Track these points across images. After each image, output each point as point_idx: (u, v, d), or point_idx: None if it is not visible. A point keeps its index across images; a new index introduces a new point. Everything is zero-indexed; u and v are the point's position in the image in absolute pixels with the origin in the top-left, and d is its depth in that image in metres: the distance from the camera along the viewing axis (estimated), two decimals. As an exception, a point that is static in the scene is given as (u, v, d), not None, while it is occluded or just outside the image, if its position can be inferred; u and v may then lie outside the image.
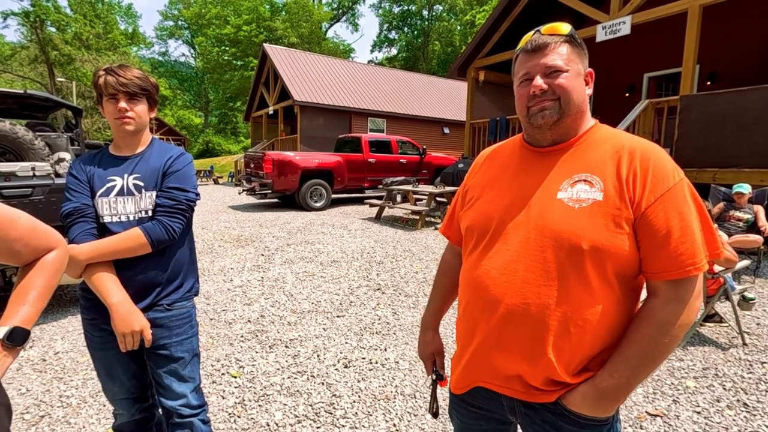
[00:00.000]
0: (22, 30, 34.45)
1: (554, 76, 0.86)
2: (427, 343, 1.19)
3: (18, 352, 0.85)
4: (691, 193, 0.81)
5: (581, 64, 0.89)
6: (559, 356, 0.83)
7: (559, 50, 0.87)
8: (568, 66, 0.86)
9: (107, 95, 1.30)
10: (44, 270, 0.93)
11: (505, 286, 0.86)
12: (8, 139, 3.88)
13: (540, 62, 0.87)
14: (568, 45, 0.88)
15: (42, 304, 0.91)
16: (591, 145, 0.89)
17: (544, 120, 0.88)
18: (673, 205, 0.79)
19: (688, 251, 0.78)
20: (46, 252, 0.96)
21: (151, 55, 49.29)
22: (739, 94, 5.43)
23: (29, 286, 0.90)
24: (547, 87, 0.86)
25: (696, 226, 0.79)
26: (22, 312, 0.86)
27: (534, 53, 0.88)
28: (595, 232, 0.80)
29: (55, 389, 2.40)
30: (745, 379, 2.53)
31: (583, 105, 0.89)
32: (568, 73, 0.86)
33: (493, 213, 0.93)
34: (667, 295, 0.80)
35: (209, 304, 3.71)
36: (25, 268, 0.93)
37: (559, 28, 0.89)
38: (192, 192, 1.41)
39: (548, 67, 0.86)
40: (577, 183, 0.85)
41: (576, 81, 0.87)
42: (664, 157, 0.83)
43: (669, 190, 0.79)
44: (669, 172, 0.81)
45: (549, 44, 0.87)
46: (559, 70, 0.86)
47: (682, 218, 0.78)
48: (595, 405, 0.83)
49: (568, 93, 0.86)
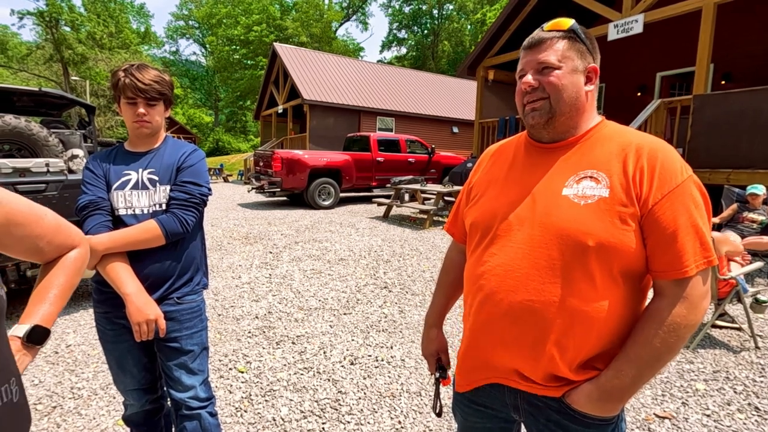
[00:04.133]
0: (37, 29, 35.09)
1: (545, 73, 0.85)
2: (430, 340, 1.19)
3: (37, 351, 0.83)
4: (699, 191, 0.80)
5: (580, 60, 0.87)
6: (563, 353, 0.82)
7: (555, 46, 0.85)
8: (561, 63, 0.85)
9: (126, 98, 1.33)
10: (66, 268, 0.92)
11: (509, 283, 0.85)
12: (23, 136, 3.95)
13: (534, 58, 0.87)
14: (567, 41, 0.86)
15: (62, 303, 0.90)
16: (597, 141, 0.88)
17: (534, 120, 0.88)
18: (680, 202, 0.77)
19: (695, 249, 0.77)
20: (69, 250, 0.95)
21: (162, 54, 49.87)
22: (755, 93, 5.33)
23: (50, 284, 0.89)
24: (537, 84, 0.86)
25: (703, 224, 0.78)
26: (43, 310, 0.85)
27: (530, 49, 0.88)
28: (601, 229, 0.78)
29: (67, 381, 2.45)
30: (757, 382, 2.49)
31: (578, 102, 0.87)
32: (560, 71, 0.85)
33: (497, 209, 0.92)
34: (674, 295, 0.78)
35: (217, 300, 3.75)
36: (46, 265, 0.92)
37: (561, 23, 0.87)
38: (205, 186, 1.45)
39: (540, 63, 0.86)
40: (582, 179, 0.84)
41: (569, 78, 0.85)
42: (672, 154, 0.82)
43: (677, 187, 0.78)
44: (677, 169, 0.79)
45: (546, 40, 0.86)
46: (551, 66, 0.85)
47: (689, 216, 0.77)
48: (599, 404, 0.82)
49: (558, 91, 0.85)
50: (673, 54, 8.70)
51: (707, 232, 0.78)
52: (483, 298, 0.90)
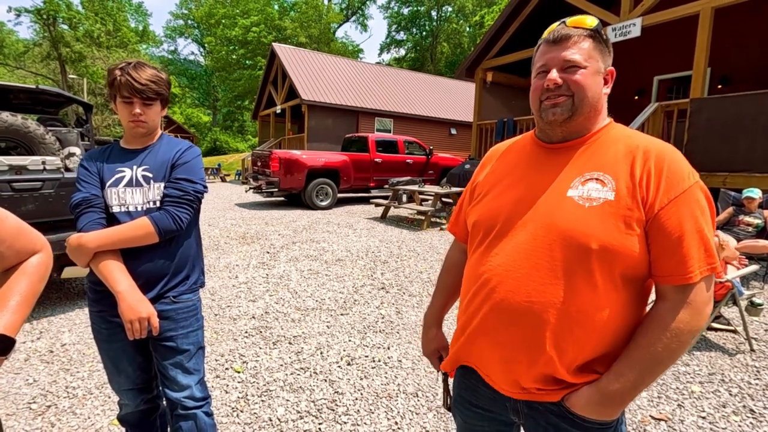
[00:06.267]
0: (34, 27, 34.94)
1: (571, 72, 0.84)
2: (430, 340, 1.18)
3: (1, 362, 0.77)
4: (705, 197, 0.79)
5: (602, 61, 0.86)
6: (561, 355, 0.82)
7: (580, 45, 0.84)
8: (587, 62, 0.84)
9: (122, 97, 1.31)
10: (28, 274, 0.87)
11: (509, 283, 0.85)
12: (20, 134, 3.93)
13: (559, 55, 0.85)
14: (592, 40, 0.85)
15: (26, 311, 0.84)
16: (604, 143, 0.87)
17: (554, 117, 0.86)
18: (687, 207, 0.77)
19: (700, 255, 0.76)
20: (30, 255, 0.90)
21: (161, 53, 49.73)
22: (752, 97, 5.36)
23: (12, 291, 0.84)
24: (561, 82, 0.84)
25: (708, 231, 0.77)
26: (5, 319, 0.79)
27: (555, 45, 0.86)
28: (605, 232, 0.78)
29: (62, 380, 2.43)
30: (752, 385, 2.50)
31: (597, 104, 0.87)
32: (586, 70, 0.84)
33: (500, 209, 0.91)
34: (677, 300, 0.78)
35: (214, 300, 3.73)
36: (6, 272, 0.87)
37: (585, 21, 0.86)
38: (200, 183, 1.42)
39: (566, 61, 0.84)
40: (588, 181, 0.83)
41: (593, 79, 0.84)
42: (679, 159, 0.81)
43: (683, 193, 0.77)
44: (684, 173, 0.79)
45: (571, 37, 0.84)
46: (577, 65, 0.83)
47: (695, 221, 0.76)
48: (599, 408, 0.81)
49: (583, 90, 0.84)
50: (671, 57, 8.75)
51: (712, 239, 0.78)
52: (482, 297, 0.90)
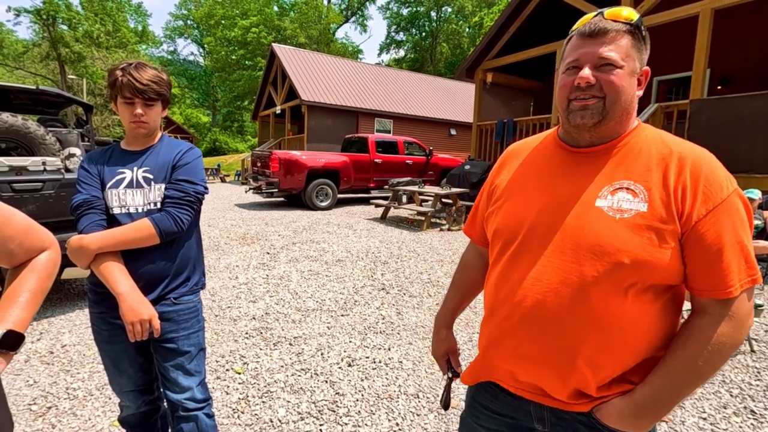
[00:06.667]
0: (34, 27, 34.93)
1: (605, 70, 0.77)
2: (440, 341, 1.14)
3: (11, 357, 0.79)
4: (744, 205, 0.75)
5: (639, 61, 0.79)
6: (596, 370, 0.78)
7: (619, 41, 0.77)
8: (623, 61, 0.77)
9: (123, 98, 1.31)
10: (37, 271, 0.89)
11: (536, 298, 0.80)
12: (20, 134, 3.92)
13: (594, 51, 0.77)
14: (631, 37, 0.77)
15: (35, 307, 0.86)
16: (634, 148, 0.81)
17: (583, 120, 0.80)
18: (726, 218, 0.72)
19: (740, 267, 0.73)
20: (39, 253, 0.92)
21: (160, 53, 49.72)
22: (751, 98, 5.37)
23: (21, 288, 0.85)
24: (594, 81, 0.77)
25: (747, 241, 0.74)
26: (15, 315, 0.81)
27: (590, 38, 0.78)
28: (638, 246, 0.73)
29: (62, 381, 2.43)
30: (753, 386, 2.50)
31: (630, 107, 0.81)
32: (622, 70, 0.77)
33: (523, 217, 0.86)
34: (718, 314, 0.74)
35: (214, 301, 3.73)
36: (15, 269, 0.89)
37: (626, 14, 0.78)
38: (201, 185, 1.42)
39: (601, 59, 0.77)
40: (618, 191, 0.78)
41: (628, 80, 0.78)
42: (716, 165, 0.76)
43: (722, 203, 0.73)
44: (722, 182, 0.74)
45: (609, 32, 0.77)
46: (613, 64, 0.76)
47: (735, 233, 0.72)
48: (632, 421, 0.78)
49: (617, 92, 0.77)
50: (671, 58, 8.75)
51: (752, 249, 0.75)
52: (508, 311, 0.85)
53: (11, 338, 0.78)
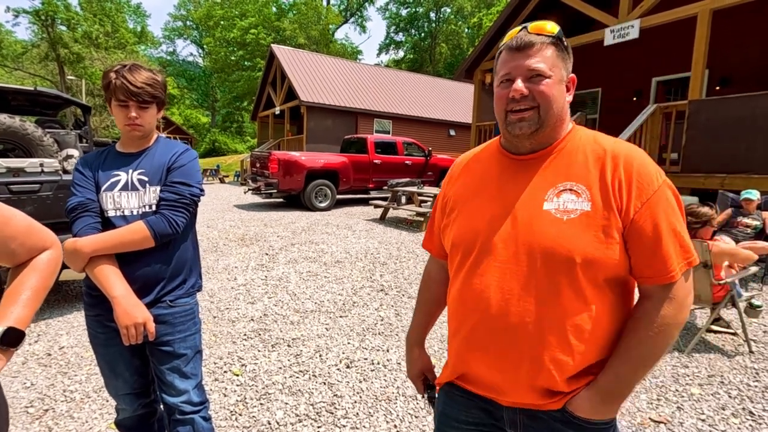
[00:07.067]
0: (33, 28, 34.91)
1: (536, 81, 0.82)
2: (414, 360, 1.15)
3: (11, 354, 0.81)
4: (673, 193, 0.82)
5: (564, 69, 0.85)
6: (561, 369, 0.82)
7: (544, 53, 0.82)
8: (551, 71, 0.82)
9: (117, 101, 1.30)
10: (38, 270, 0.90)
11: (499, 305, 0.84)
12: (18, 136, 3.92)
13: (523, 63, 0.82)
14: (554, 48, 0.83)
15: (36, 305, 0.87)
16: (572, 150, 0.86)
17: (521, 131, 0.85)
18: (660, 208, 0.79)
19: (677, 253, 0.79)
20: (41, 252, 0.93)
21: (159, 54, 49.70)
22: (750, 99, 5.37)
23: (23, 286, 0.87)
24: (527, 92, 0.82)
25: (681, 227, 0.80)
26: (16, 312, 0.82)
27: (518, 52, 0.83)
28: (587, 244, 0.78)
29: (60, 384, 2.42)
30: (751, 387, 2.50)
31: (562, 113, 0.86)
32: (551, 80, 0.82)
33: (478, 227, 0.89)
34: (661, 297, 0.80)
35: (213, 302, 3.72)
36: (17, 268, 0.90)
37: (548, 27, 0.84)
38: (196, 187, 1.41)
39: (531, 70, 0.82)
40: (562, 192, 0.83)
41: (557, 88, 0.83)
42: (646, 160, 0.83)
43: (654, 194, 0.79)
44: (653, 175, 0.80)
45: (535, 44, 0.82)
46: (542, 74, 0.82)
47: (668, 221, 0.79)
48: (602, 407, 0.82)
49: (549, 101, 0.82)
50: (669, 59, 8.76)
51: (685, 234, 0.81)
52: (474, 321, 0.88)
53: (12, 335, 0.80)
